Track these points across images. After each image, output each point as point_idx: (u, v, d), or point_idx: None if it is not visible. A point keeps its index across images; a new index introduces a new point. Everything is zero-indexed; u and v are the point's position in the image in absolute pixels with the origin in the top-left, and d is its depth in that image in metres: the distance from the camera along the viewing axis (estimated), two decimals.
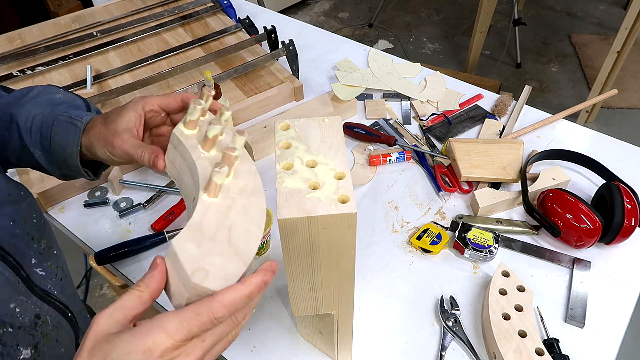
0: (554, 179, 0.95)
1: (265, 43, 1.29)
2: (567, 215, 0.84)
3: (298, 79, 1.21)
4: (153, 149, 0.58)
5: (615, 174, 0.94)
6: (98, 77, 1.21)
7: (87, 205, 0.98)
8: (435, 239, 0.88)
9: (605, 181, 0.95)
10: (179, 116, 0.63)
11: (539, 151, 1.02)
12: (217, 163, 0.48)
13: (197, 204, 0.47)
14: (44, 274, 0.61)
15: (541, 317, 0.78)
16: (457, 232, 0.88)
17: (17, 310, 0.54)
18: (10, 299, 0.53)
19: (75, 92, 0.70)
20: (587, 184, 0.99)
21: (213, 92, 0.57)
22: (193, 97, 0.58)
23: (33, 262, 0.59)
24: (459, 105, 1.18)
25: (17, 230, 0.58)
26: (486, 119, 1.13)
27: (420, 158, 1.05)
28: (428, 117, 1.15)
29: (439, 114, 1.16)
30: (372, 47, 1.37)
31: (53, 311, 0.60)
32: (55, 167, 0.66)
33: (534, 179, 0.96)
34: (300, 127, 0.59)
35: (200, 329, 0.40)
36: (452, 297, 0.81)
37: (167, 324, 0.39)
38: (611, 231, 0.83)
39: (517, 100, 1.17)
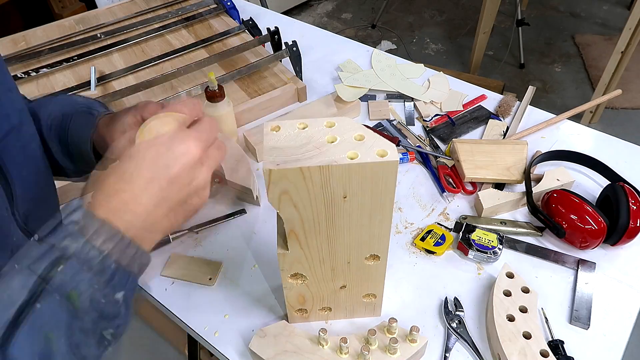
0: (558, 179, 0.95)
1: (268, 44, 1.29)
2: (572, 216, 0.84)
3: (301, 80, 1.21)
4: None
5: (620, 174, 0.93)
6: (102, 79, 1.21)
7: None
8: (439, 240, 0.88)
9: (609, 182, 0.94)
10: None
11: (543, 152, 1.01)
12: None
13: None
14: None
15: (546, 318, 0.78)
16: (461, 233, 0.88)
17: None
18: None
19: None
20: (591, 184, 0.99)
21: None
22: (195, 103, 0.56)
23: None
24: (463, 106, 1.18)
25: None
26: (490, 120, 1.13)
27: (424, 159, 1.05)
28: (431, 118, 1.15)
29: (442, 115, 1.16)
30: (375, 48, 1.37)
31: None
32: (69, 161, 0.71)
33: (538, 179, 0.96)
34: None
35: (210, 139, 0.52)
36: (456, 298, 0.81)
37: (195, 134, 0.51)
38: (616, 232, 0.83)
39: (520, 101, 1.17)
